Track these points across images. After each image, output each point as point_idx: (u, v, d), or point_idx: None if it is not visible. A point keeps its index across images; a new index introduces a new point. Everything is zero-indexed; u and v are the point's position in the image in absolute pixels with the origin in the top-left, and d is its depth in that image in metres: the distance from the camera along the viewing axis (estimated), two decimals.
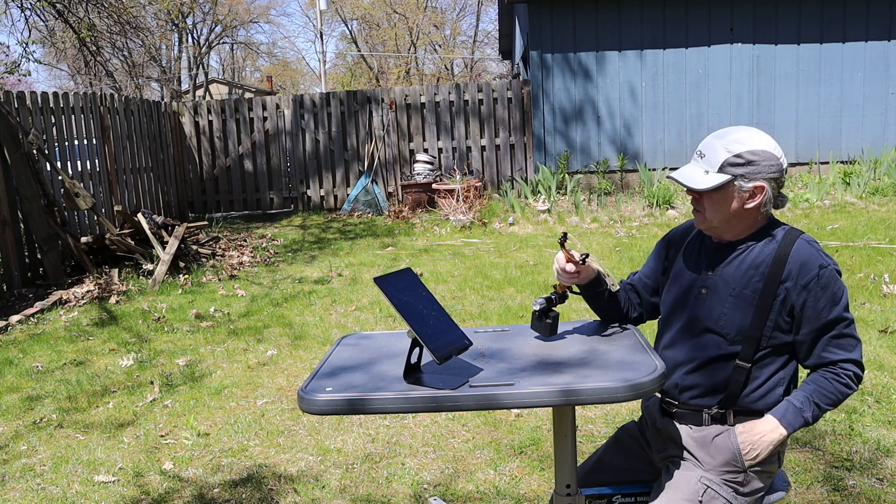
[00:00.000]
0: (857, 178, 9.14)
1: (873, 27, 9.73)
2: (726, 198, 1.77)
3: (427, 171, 10.14)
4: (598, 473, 2.05)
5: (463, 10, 40.55)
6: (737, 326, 1.78)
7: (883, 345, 4.11)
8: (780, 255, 1.76)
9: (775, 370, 1.81)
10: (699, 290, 1.86)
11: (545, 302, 1.87)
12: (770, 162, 1.76)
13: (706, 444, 1.84)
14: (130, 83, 24.87)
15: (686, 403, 1.88)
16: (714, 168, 1.77)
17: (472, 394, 1.53)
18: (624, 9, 9.87)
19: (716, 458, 1.82)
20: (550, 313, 1.87)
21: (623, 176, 10.16)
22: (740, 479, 1.81)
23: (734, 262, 1.82)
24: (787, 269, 1.75)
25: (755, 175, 1.75)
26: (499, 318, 5.08)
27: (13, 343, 5.11)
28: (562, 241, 1.87)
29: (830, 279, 1.75)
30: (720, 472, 1.81)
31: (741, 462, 1.79)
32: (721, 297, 1.81)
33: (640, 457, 2.02)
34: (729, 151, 1.76)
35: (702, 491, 1.78)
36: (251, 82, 40.43)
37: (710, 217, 1.81)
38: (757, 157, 1.75)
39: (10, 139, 6.28)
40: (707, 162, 1.79)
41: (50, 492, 3.05)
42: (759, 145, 1.76)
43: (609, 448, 2.08)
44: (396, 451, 3.24)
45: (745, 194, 1.76)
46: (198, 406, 3.87)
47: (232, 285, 6.48)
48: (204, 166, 10.77)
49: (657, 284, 2.04)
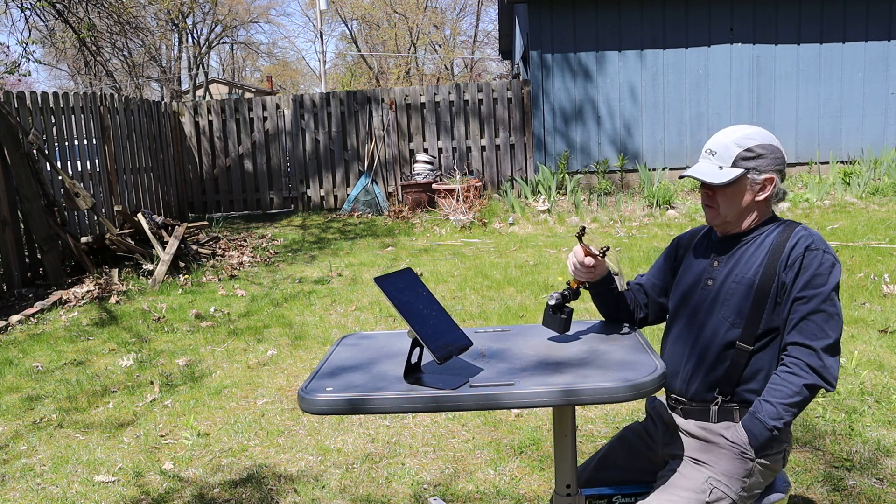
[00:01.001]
0: (857, 178, 9.14)
1: (873, 27, 9.73)
2: (740, 191, 1.86)
3: (427, 171, 10.14)
4: (602, 472, 2.05)
5: (463, 10, 40.59)
6: (737, 308, 1.83)
7: (883, 345, 4.11)
8: (781, 240, 1.82)
9: (776, 359, 1.83)
10: (705, 281, 1.91)
11: (560, 297, 1.87)
12: (776, 155, 1.86)
13: (714, 440, 1.84)
14: (130, 83, 24.87)
15: (693, 399, 1.89)
16: (728, 163, 1.85)
17: (472, 394, 1.53)
18: (624, 9, 9.87)
19: (723, 455, 1.82)
20: (565, 309, 1.88)
21: (623, 176, 10.16)
22: (747, 473, 1.81)
23: (740, 252, 1.88)
24: (784, 253, 1.80)
25: (765, 167, 1.85)
26: (499, 318, 5.08)
27: (13, 343, 5.11)
28: (579, 235, 1.90)
29: (814, 261, 1.77)
30: (727, 469, 1.81)
31: (750, 453, 1.80)
32: (726, 286, 1.86)
33: (644, 456, 2.03)
34: (740, 146, 1.85)
35: (709, 490, 1.79)
36: (251, 82, 40.43)
37: (724, 212, 1.88)
38: (766, 150, 1.85)
39: (10, 139, 6.28)
40: (720, 158, 1.87)
41: (50, 492, 3.05)
42: (765, 140, 1.86)
43: (614, 447, 2.09)
44: (396, 451, 3.24)
45: (757, 187, 1.85)
46: (198, 406, 3.87)
47: (232, 285, 6.48)
48: (204, 166, 10.77)
49: (666, 285, 2.07)
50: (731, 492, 1.79)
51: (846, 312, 4.70)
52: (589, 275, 1.94)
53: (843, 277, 5.50)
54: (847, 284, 5.31)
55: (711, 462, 1.83)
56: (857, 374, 3.70)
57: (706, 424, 1.87)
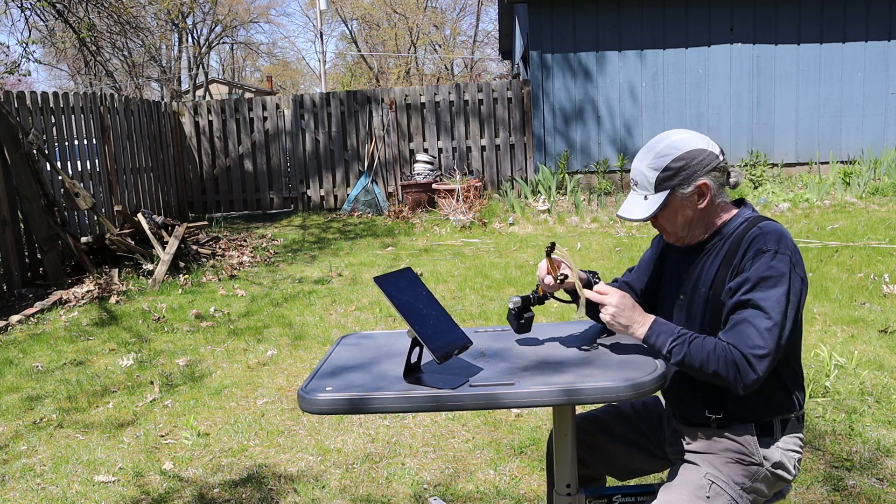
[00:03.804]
0: (857, 178, 9.14)
1: (873, 27, 9.73)
2: (676, 209, 1.77)
3: (427, 171, 10.14)
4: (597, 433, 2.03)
5: (463, 10, 40.57)
6: (712, 324, 1.76)
7: (883, 345, 4.11)
8: (735, 245, 1.74)
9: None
10: (678, 295, 1.87)
11: (520, 301, 1.85)
12: (699, 158, 1.74)
13: (714, 443, 1.82)
14: (130, 83, 24.87)
15: (687, 417, 1.87)
16: (651, 190, 1.77)
17: (472, 393, 1.53)
18: (624, 9, 9.87)
19: (722, 457, 1.80)
20: (526, 314, 1.86)
21: (623, 176, 10.16)
22: (750, 477, 1.78)
23: (703, 263, 1.81)
24: (736, 259, 1.72)
25: (692, 177, 1.74)
26: (499, 318, 5.08)
27: (13, 343, 5.11)
28: (548, 252, 1.82)
29: (758, 257, 1.66)
30: (727, 470, 1.78)
31: (757, 456, 1.77)
32: (697, 299, 1.81)
33: (638, 441, 2.02)
34: (656, 169, 1.75)
35: (707, 486, 1.76)
36: (251, 82, 40.43)
37: (673, 230, 1.82)
38: (683, 160, 1.74)
39: (10, 139, 6.28)
40: (642, 187, 1.78)
41: (50, 492, 3.05)
42: (679, 148, 1.74)
43: (610, 412, 2.06)
44: (396, 451, 3.24)
45: (694, 198, 1.75)
46: (198, 406, 3.87)
47: (232, 285, 6.48)
48: (204, 166, 10.77)
49: (654, 285, 2.04)
50: (732, 490, 1.76)
51: (846, 312, 4.70)
52: (555, 289, 1.88)
53: (844, 277, 5.50)
54: (847, 284, 5.31)
55: (712, 461, 1.81)
56: (857, 374, 3.70)
57: (707, 429, 1.83)
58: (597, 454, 2.04)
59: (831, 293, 5.11)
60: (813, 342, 4.16)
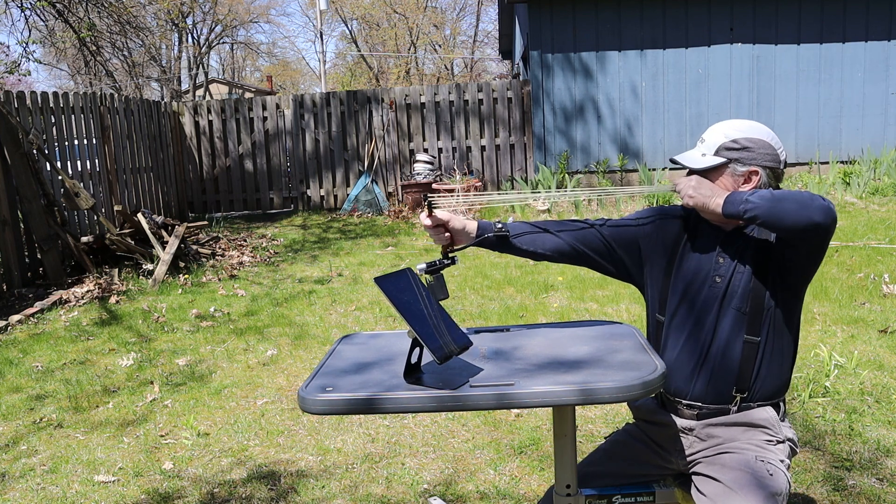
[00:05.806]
0: (857, 178, 9.14)
1: (873, 27, 9.72)
2: (721, 178, 1.85)
3: (427, 171, 10.14)
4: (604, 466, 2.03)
5: (463, 10, 40.56)
6: (743, 298, 1.82)
7: (883, 345, 4.11)
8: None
9: (782, 350, 1.85)
10: (713, 279, 1.88)
11: (425, 266, 1.89)
12: (765, 150, 1.84)
13: (741, 431, 1.84)
14: (130, 83, 24.85)
15: (711, 402, 1.87)
16: (711, 151, 1.87)
17: (472, 394, 1.53)
18: (624, 9, 9.87)
19: (754, 438, 1.83)
20: (435, 275, 1.90)
21: (623, 175, 10.16)
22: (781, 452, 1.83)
23: (740, 247, 1.86)
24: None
25: (750, 160, 1.84)
26: (499, 318, 5.08)
27: (13, 343, 5.11)
28: (428, 204, 1.90)
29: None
30: (766, 447, 1.82)
31: (781, 433, 1.84)
32: (732, 283, 1.85)
33: (648, 460, 2.01)
34: (727, 136, 1.86)
35: (762, 466, 1.77)
36: (251, 82, 40.43)
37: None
38: (753, 143, 1.84)
39: (10, 139, 6.28)
40: (706, 146, 1.88)
41: (50, 492, 3.05)
42: (756, 134, 1.86)
43: (617, 442, 2.07)
44: (396, 451, 3.24)
45: (740, 178, 1.84)
46: (198, 406, 3.87)
47: (232, 285, 6.48)
48: (204, 166, 10.77)
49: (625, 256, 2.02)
50: (781, 466, 1.78)
51: (846, 312, 4.70)
52: (446, 238, 1.94)
53: (844, 277, 5.50)
54: (847, 284, 5.31)
55: (747, 446, 1.82)
56: (857, 374, 3.70)
57: (728, 417, 1.85)
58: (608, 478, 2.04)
59: (831, 293, 5.11)
60: (813, 342, 4.16)
